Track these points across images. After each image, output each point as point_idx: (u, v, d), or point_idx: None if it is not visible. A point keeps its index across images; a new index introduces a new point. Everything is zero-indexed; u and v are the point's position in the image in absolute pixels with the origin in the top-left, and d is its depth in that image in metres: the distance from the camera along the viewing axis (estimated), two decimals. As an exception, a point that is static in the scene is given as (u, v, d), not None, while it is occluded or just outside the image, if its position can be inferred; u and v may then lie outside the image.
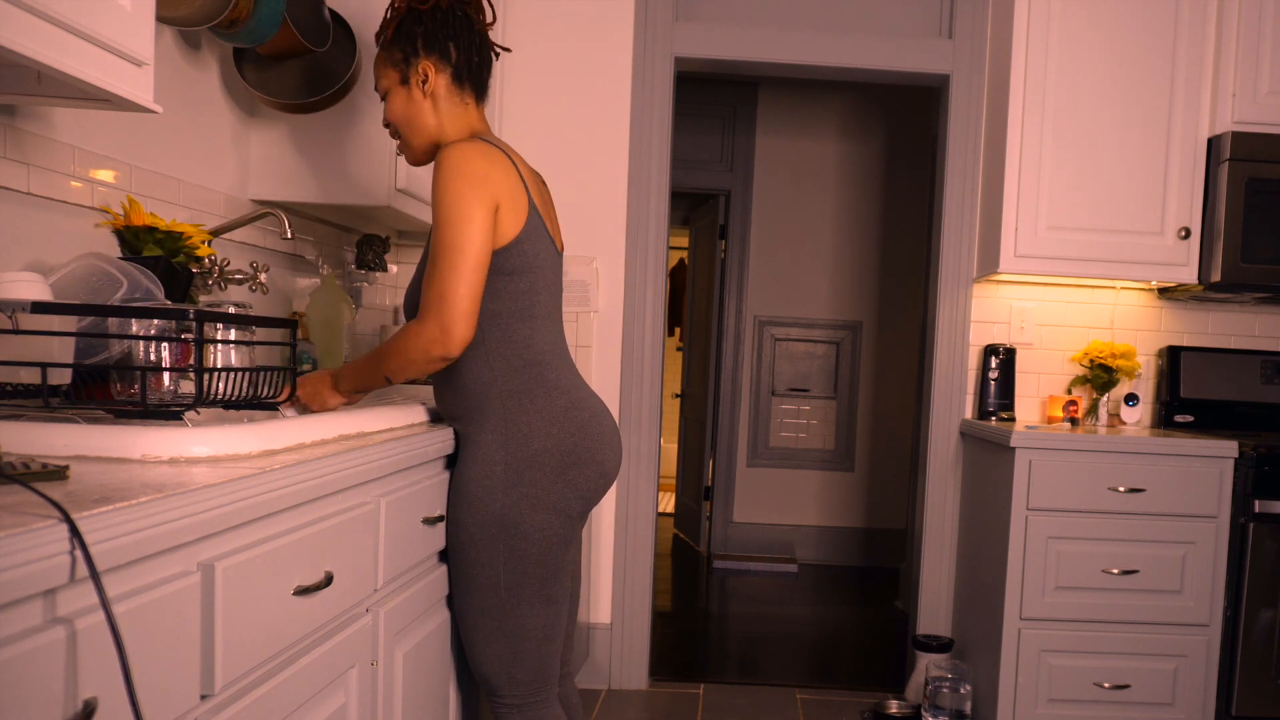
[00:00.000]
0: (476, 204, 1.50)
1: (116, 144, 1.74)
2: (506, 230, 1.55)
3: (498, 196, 1.52)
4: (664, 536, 5.73)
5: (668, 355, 7.19)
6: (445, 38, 1.63)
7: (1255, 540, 2.59)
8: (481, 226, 1.50)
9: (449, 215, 1.49)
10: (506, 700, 1.65)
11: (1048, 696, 2.65)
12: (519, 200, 1.57)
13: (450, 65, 1.64)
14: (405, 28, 1.63)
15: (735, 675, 3.34)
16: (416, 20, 1.62)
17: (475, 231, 1.49)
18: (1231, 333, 3.15)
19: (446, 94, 1.65)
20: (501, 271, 1.56)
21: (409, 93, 1.64)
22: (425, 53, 1.62)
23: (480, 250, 1.50)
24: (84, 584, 0.79)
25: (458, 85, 1.66)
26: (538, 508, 1.59)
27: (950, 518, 3.13)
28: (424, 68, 1.62)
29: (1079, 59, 2.80)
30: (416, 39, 1.62)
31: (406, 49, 1.62)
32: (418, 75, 1.63)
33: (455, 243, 1.49)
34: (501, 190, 1.53)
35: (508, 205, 1.54)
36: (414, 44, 1.62)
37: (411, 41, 1.62)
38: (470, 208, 1.49)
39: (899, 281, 5.15)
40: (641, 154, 3.07)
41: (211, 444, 1.08)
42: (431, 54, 1.63)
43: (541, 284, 1.62)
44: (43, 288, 1.30)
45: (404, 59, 1.63)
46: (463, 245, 1.49)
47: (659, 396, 3.12)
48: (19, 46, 1.06)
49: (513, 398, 1.59)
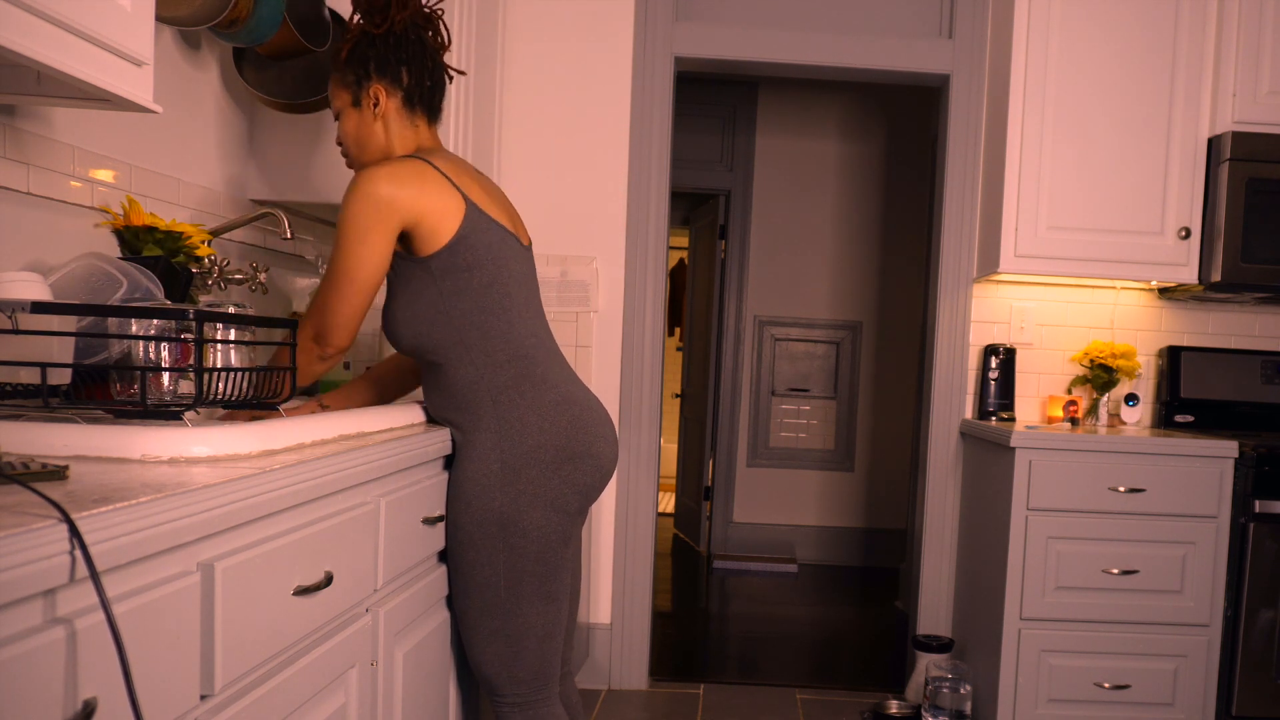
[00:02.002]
0: (374, 226, 1.53)
1: (116, 144, 1.74)
2: (440, 234, 1.57)
3: (406, 213, 1.54)
4: (664, 536, 5.72)
5: (668, 355, 7.18)
6: (397, 62, 1.66)
7: (1255, 540, 2.59)
8: (376, 248, 1.54)
9: (343, 235, 1.54)
10: (508, 699, 1.65)
11: (1048, 696, 2.65)
12: (445, 205, 1.57)
13: (401, 89, 1.67)
14: (359, 51, 1.65)
15: (735, 675, 3.34)
16: (370, 44, 1.65)
17: (367, 253, 1.54)
18: (1231, 333, 3.15)
19: (396, 116, 1.68)
20: (455, 269, 1.58)
21: (360, 114, 1.67)
22: (377, 76, 1.65)
23: (368, 276, 1.55)
24: (84, 584, 0.79)
25: (408, 108, 1.69)
26: (536, 505, 1.59)
27: (950, 518, 3.13)
28: (375, 91, 1.65)
29: (1079, 59, 2.80)
30: (369, 62, 1.65)
31: (359, 71, 1.65)
32: (369, 98, 1.66)
33: (344, 264, 1.54)
34: (413, 206, 1.54)
35: (429, 214, 1.56)
36: (366, 67, 1.65)
37: (364, 65, 1.65)
38: (366, 230, 1.53)
39: (899, 281, 5.15)
40: (641, 154, 3.07)
41: (211, 444, 1.08)
42: (383, 78, 1.65)
43: (506, 276, 1.64)
44: (42, 288, 1.30)
45: (356, 81, 1.65)
46: (351, 266, 1.54)
47: (659, 396, 3.12)
48: (19, 46, 1.05)
49: (503, 393, 1.60)
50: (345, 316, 1.56)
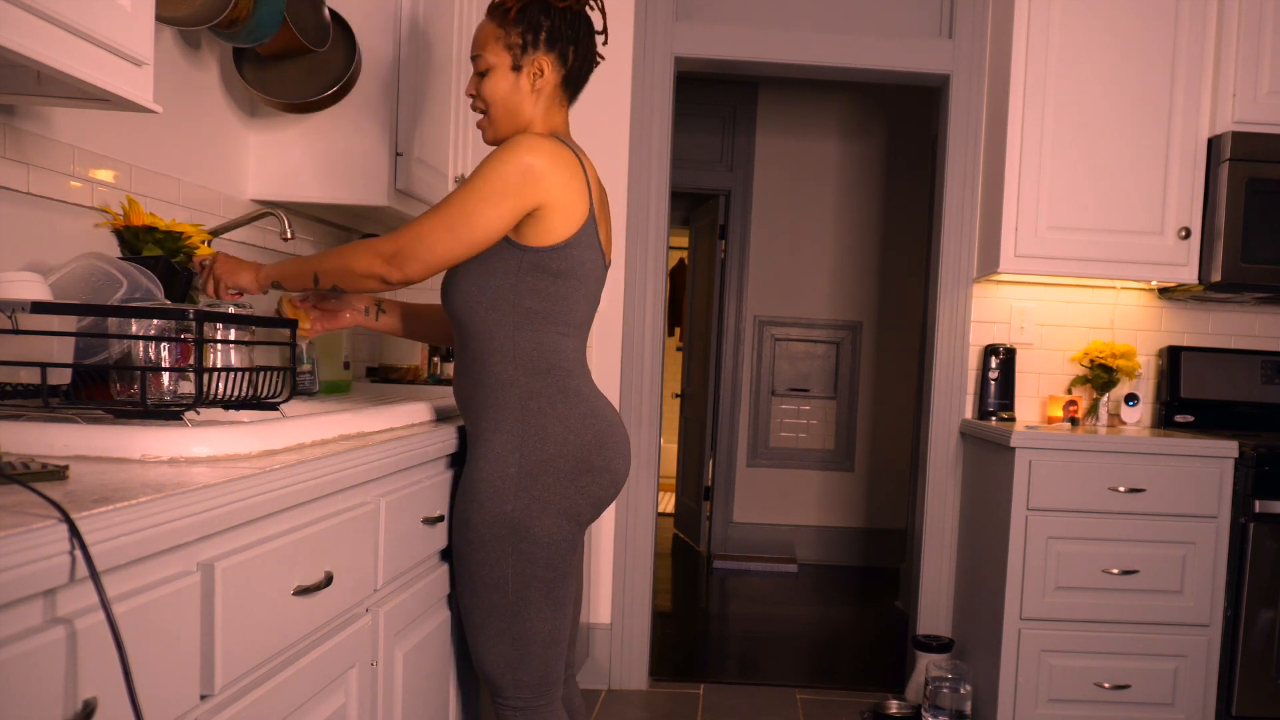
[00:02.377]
0: (512, 193, 1.49)
1: (116, 144, 1.74)
2: (556, 231, 1.54)
3: (544, 197, 1.51)
4: (664, 536, 5.72)
5: (668, 355, 7.18)
6: (569, 40, 1.61)
7: (1255, 540, 2.59)
8: (502, 214, 1.49)
9: (481, 186, 1.49)
10: (511, 702, 1.64)
11: (1048, 696, 2.65)
12: (576, 204, 1.55)
13: (565, 68, 1.62)
14: (531, 14, 1.58)
15: (735, 675, 3.34)
16: (545, 11, 1.59)
17: (494, 213, 1.49)
18: (1231, 333, 3.15)
19: (551, 94, 1.63)
20: (546, 272, 1.55)
21: (517, 80, 1.60)
22: (547, 48, 1.59)
23: (486, 231, 1.50)
24: (84, 584, 0.79)
25: (563, 89, 1.64)
26: (548, 511, 1.57)
27: (950, 518, 3.13)
28: (541, 63, 1.59)
29: (1079, 59, 2.80)
30: (541, 31, 1.58)
31: (528, 37, 1.58)
32: (533, 68, 1.60)
33: (468, 210, 1.48)
34: (554, 192, 1.52)
35: (559, 207, 1.53)
36: (537, 35, 1.58)
37: (535, 31, 1.58)
38: (504, 193, 1.48)
39: (899, 281, 5.15)
40: (641, 154, 3.07)
41: (211, 444, 1.08)
42: (552, 51, 1.60)
43: (582, 293, 1.61)
44: (42, 288, 1.30)
45: (522, 46, 1.58)
46: (473, 217, 1.48)
47: (659, 396, 3.11)
48: (19, 46, 1.05)
49: (533, 400, 1.58)
50: (437, 255, 1.49)
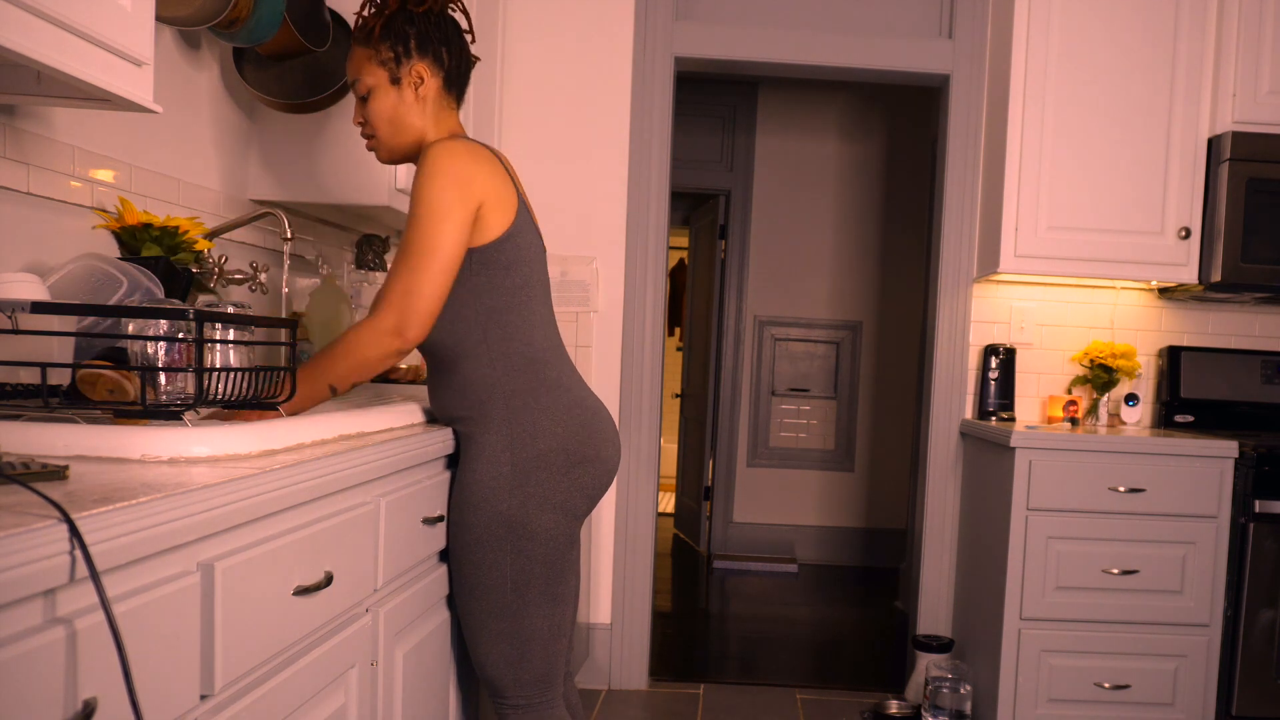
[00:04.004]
0: (457, 204, 1.49)
1: (116, 144, 1.74)
2: (494, 226, 1.55)
3: (481, 196, 1.52)
4: (664, 536, 5.72)
5: (668, 355, 7.18)
6: (439, 41, 1.61)
7: (1255, 540, 2.59)
8: (458, 227, 1.49)
9: (426, 212, 1.48)
10: (512, 701, 1.64)
11: (1048, 696, 2.64)
12: (506, 196, 1.57)
13: (443, 70, 1.62)
14: (396, 26, 1.58)
15: (735, 675, 3.34)
16: (409, 20, 1.59)
17: (451, 231, 1.48)
18: (1231, 333, 3.15)
19: (436, 98, 1.63)
20: (495, 265, 1.56)
21: (400, 93, 1.60)
22: (419, 54, 1.59)
23: (453, 251, 1.49)
24: (84, 584, 0.79)
25: (446, 90, 1.64)
26: (544, 508, 1.58)
27: (950, 518, 3.13)
28: (419, 70, 1.60)
29: (1079, 59, 2.80)
30: (409, 39, 1.59)
31: (398, 48, 1.58)
32: (411, 77, 1.59)
33: (429, 242, 1.47)
34: (487, 189, 1.53)
35: (494, 203, 1.54)
36: (406, 44, 1.58)
37: (404, 41, 1.58)
38: (450, 207, 1.48)
39: (899, 281, 5.14)
40: (641, 154, 3.07)
41: (211, 444, 1.08)
42: (425, 56, 1.60)
43: (534, 279, 1.63)
44: (40, 288, 1.30)
45: (395, 59, 1.58)
46: (437, 245, 1.47)
47: (659, 396, 3.11)
48: (19, 46, 1.05)
49: (517, 396, 1.59)
50: (429, 299, 1.47)
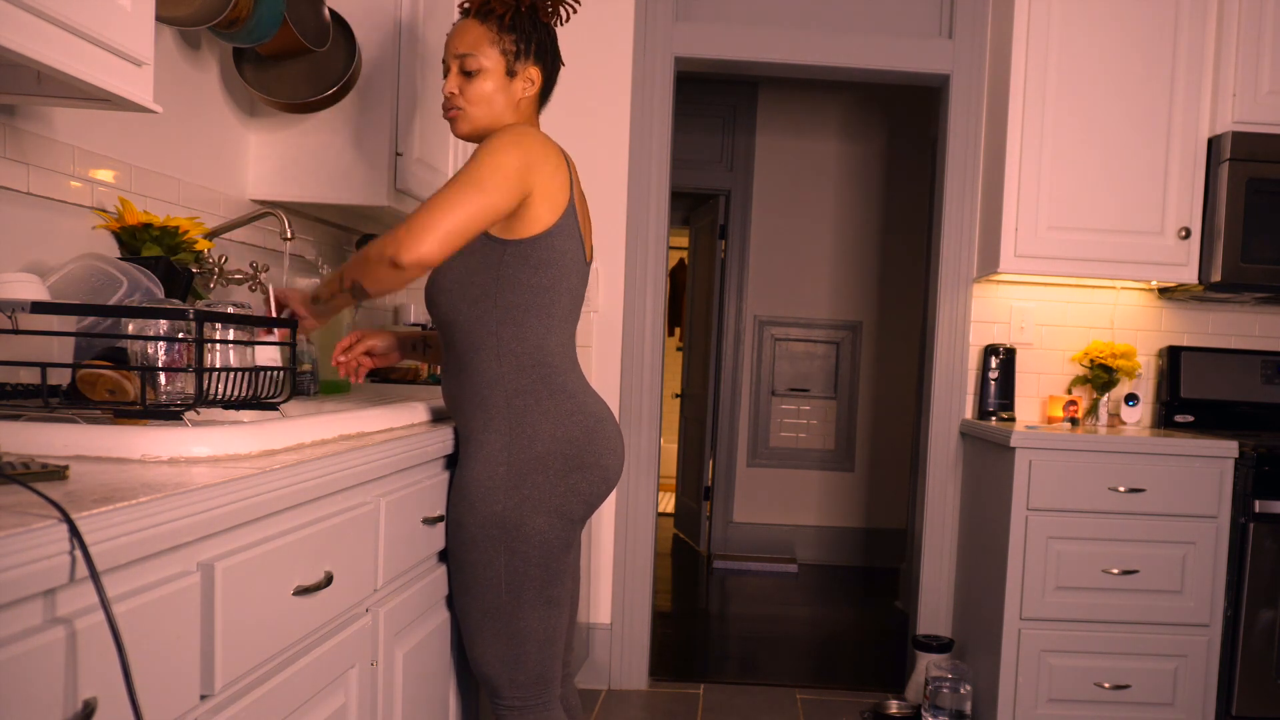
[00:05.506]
0: (514, 173, 1.50)
1: (116, 144, 1.74)
2: (537, 221, 1.56)
3: (536, 183, 1.54)
4: (664, 536, 5.72)
5: (668, 355, 7.18)
6: (552, 54, 1.68)
7: (1255, 540, 2.59)
8: (511, 185, 1.50)
9: (488, 163, 1.49)
10: (508, 702, 1.64)
11: (1048, 696, 2.65)
12: (559, 195, 1.58)
13: (544, 80, 1.68)
14: (522, 24, 1.63)
15: (735, 675, 3.34)
16: (534, 25, 1.64)
17: (503, 184, 1.49)
18: (1231, 333, 3.15)
19: (531, 103, 1.68)
20: (527, 263, 1.56)
21: (509, 85, 1.64)
22: (536, 59, 1.65)
23: (496, 200, 1.48)
24: (84, 584, 0.79)
25: (539, 101, 1.70)
26: (539, 510, 1.58)
27: (950, 518, 3.13)
28: (533, 73, 1.65)
29: (1079, 59, 2.80)
30: (533, 41, 1.64)
31: (521, 45, 1.63)
32: (527, 76, 1.65)
33: (478, 181, 1.47)
34: (544, 180, 1.54)
35: (545, 196, 1.55)
36: (529, 44, 1.64)
37: (529, 41, 1.64)
38: (510, 168, 1.50)
39: (899, 281, 5.14)
40: (641, 154, 3.07)
41: (211, 444, 1.08)
42: (540, 63, 1.66)
43: (564, 285, 1.62)
44: (39, 288, 1.30)
45: (516, 53, 1.63)
46: (485, 186, 1.47)
47: (659, 396, 3.11)
48: (19, 46, 1.05)
49: (519, 397, 1.59)
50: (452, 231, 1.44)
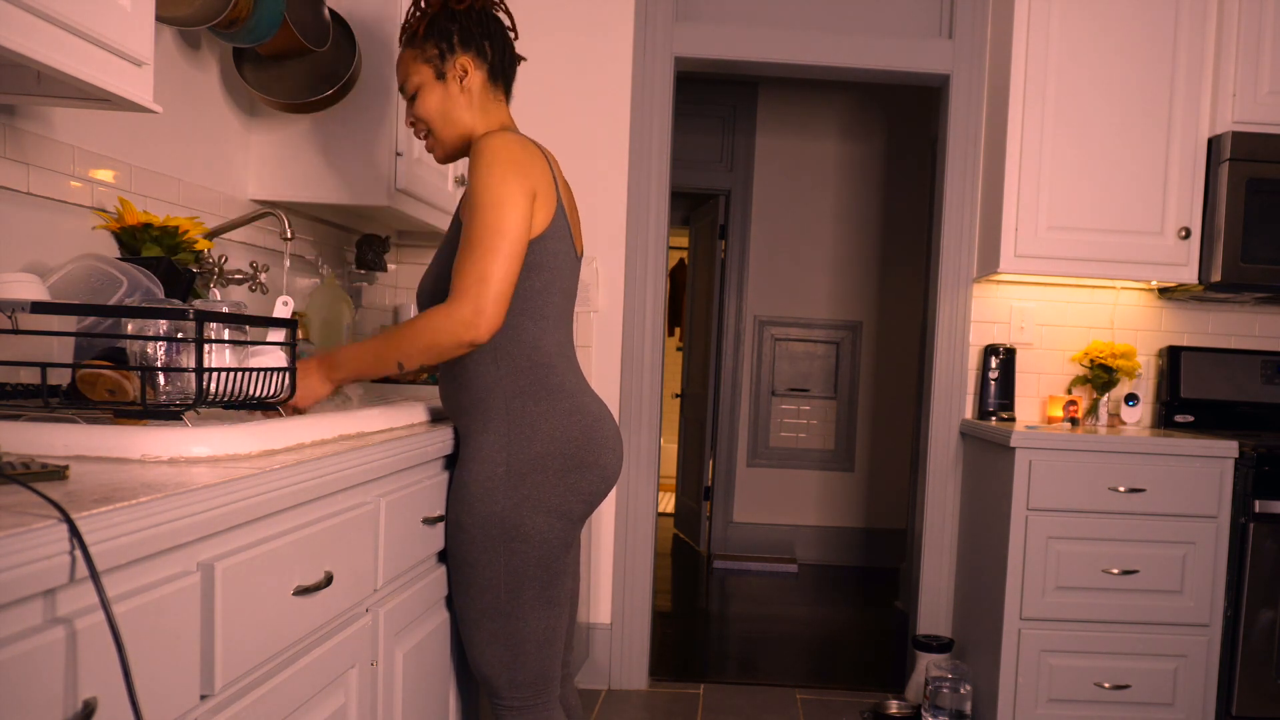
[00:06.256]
0: (518, 190, 1.51)
1: (116, 144, 1.74)
2: (535, 225, 1.56)
3: (534, 187, 1.54)
4: (664, 536, 5.72)
5: (668, 355, 7.18)
6: (481, 35, 1.65)
7: (1255, 540, 2.59)
8: (522, 212, 1.51)
9: (491, 198, 1.49)
10: (507, 702, 1.64)
11: (1048, 696, 2.64)
12: (549, 196, 1.58)
13: (487, 63, 1.66)
14: (439, 24, 1.63)
15: (735, 675, 3.34)
16: (451, 17, 1.63)
17: (516, 216, 1.50)
18: (1231, 333, 3.15)
19: (482, 91, 1.66)
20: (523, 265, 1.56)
21: (445, 88, 1.64)
22: (462, 49, 1.64)
23: (519, 235, 1.50)
24: (84, 584, 0.79)
25: (492, 82, 1.68)
26: (538, 510, 1.58)
27: (950, 518, 3.13)
28: (463, 63, 1.64)
29: (1079, 59, 2.80)
30: (453, 35, 1.63)
31: (441, 45, 1.63)
32: (456, 70, 1.64)
33: (497, 226, 1.48)
34: (537, 182, 1.55)
35: (540, 198, 1.55)
36: (450, 40, 1.63)
37: (447, 38, 1.63)
38: (512, 193, 1.50)
39: (899, 281, 5.14)
40: (641, 154, 3.07)
41: (211, 444, 1.08)
42: (469, 50, 1.64)
43: (557, 285, 1.62)
44: (39, 288, 1.30)
45: (439, 55, 1.63)
46: (504, 229, 1.48)
47: (659, 396, 3.11)
48: (19, 46, 1.05)
49: (517, 398, 1.59)
50: (506, 284, 1.47)
